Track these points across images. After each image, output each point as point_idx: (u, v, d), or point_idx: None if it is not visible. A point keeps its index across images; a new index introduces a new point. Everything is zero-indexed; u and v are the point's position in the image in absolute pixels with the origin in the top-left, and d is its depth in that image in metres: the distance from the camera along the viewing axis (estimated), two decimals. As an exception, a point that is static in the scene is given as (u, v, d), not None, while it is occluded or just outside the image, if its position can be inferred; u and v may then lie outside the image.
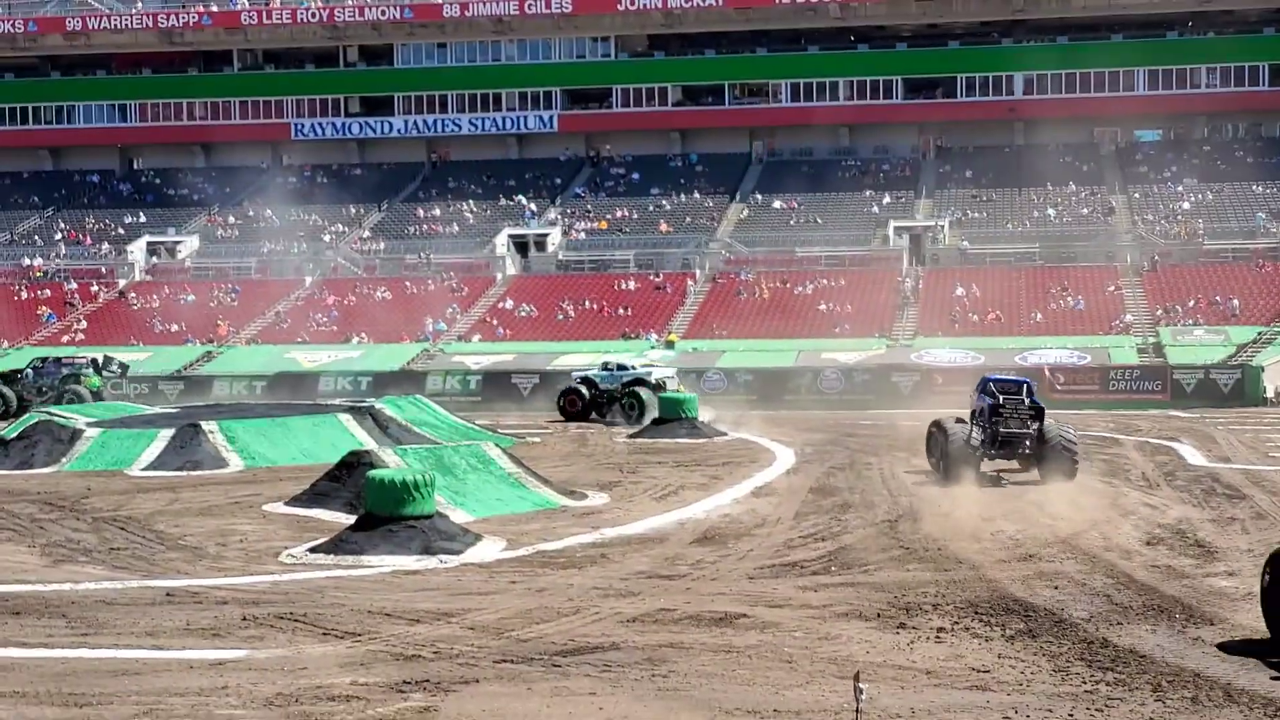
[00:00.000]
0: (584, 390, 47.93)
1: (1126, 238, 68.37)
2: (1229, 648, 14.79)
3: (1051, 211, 71.12)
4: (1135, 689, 13.41)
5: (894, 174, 77.09)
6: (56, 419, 36.99)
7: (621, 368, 49.06)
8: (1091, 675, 13.95)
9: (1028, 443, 28.90)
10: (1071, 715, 12.68)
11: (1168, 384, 52.30)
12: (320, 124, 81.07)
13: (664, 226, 72.93)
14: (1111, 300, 62.10)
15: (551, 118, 79.88)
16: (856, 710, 10.15)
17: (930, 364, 53.85)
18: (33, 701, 14.02)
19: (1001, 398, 29.49)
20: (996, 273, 65.43)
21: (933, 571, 19.68)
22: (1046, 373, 52.94)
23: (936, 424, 30.47)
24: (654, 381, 47.38)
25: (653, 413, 44.00)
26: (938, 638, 15.71)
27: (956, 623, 16.38)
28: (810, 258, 67.90)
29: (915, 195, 74.89)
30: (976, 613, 16.87)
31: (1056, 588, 18.30)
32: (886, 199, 73.83)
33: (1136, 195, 72.66)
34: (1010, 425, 29.02)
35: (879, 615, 16.96)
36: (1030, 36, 76.76)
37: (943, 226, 70.25)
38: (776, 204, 74.30)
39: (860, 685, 10.07)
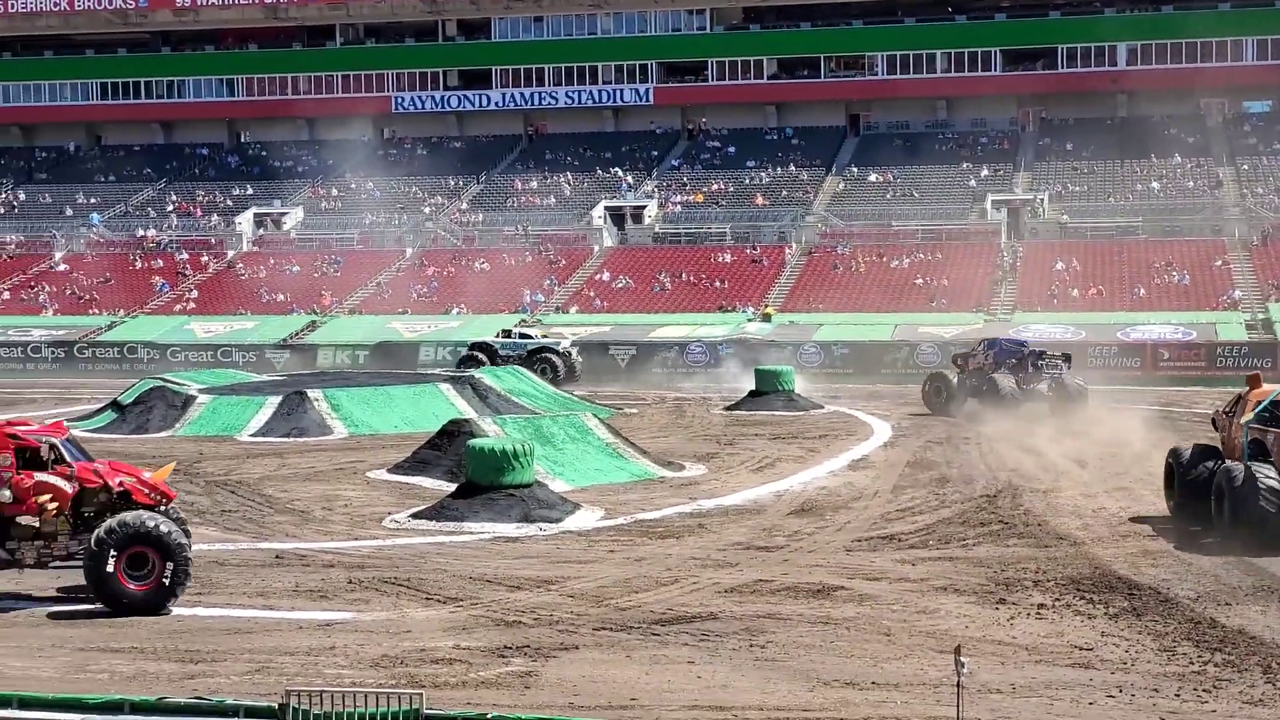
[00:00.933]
0: (482, 357, 49.33)
1: (1234, 211, 67.07)
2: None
3: (1156, 184, 69.92)
4: (1245, 670, 13.27)
5: (992, 147, 76.09)
6: (170, 385, 37.84)
7: (525, 336, 51.01)
8: (1199, 655, 13.82)
9: (1049, 384, 37.10)
10: (1179, 695, 12.58)
11: (1279, 361, 51.30)
12: (420, 97, 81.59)
13: (759, 199, 72.64)
14: (1219, 275, 61.01)
15: (647, 90, 79.77)
16: (957, 684, 10.17)
17: (1029, 339, 53.26)
18: (151, 657, 14.45)
19: (1033, 348, 38.89)
20: (1098, 247, 64.48)
21: (1033, 547, 19.59)
22: (1150, 349, 52.25)
23: (939, 376, 39.91)
24: (561, 350, 49.58)
25: (559, 376, 47.13)
26: (1038, 614, 15.67)
27: (1058, 599, 16.31)
28: (906, 231, 67.24)
29: (1014, 168, 73.85)
30: (1079, 590, 16.77)
31: (1162, 566, 18.16)
32: (984, 172, 72.92)
33: (1245, 167, 71.19)
34: (1049, 370, 37.35)
35: (978, 590, 16.92)
36: (1133, 6, 75.35)
37: (1042, 200, 69.32)
38: (872, 177, 73.72)
39: (961, 659, 10.09)
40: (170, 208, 77.30)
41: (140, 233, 73.93)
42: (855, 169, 74.93)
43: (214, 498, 24.96)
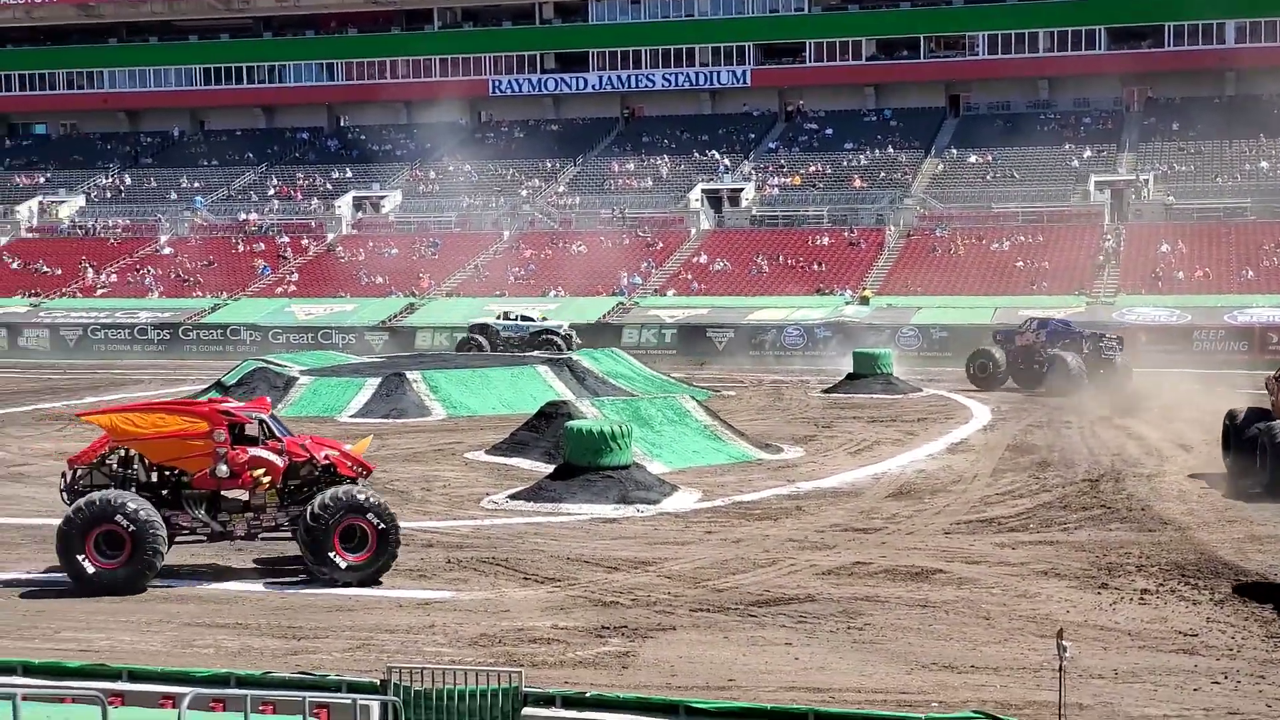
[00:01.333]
0: (482, 340, 50.27)
1: (1345, 192, 65.57)
2: None
3: (1265, 164, 68.45)
4: (1352, 656, 13.04)
5: (1095, 127, 74.86)
6: (273, 367, 38.35)
7: (525, 319, 51.83)
8: (1306, 641, 13.59)
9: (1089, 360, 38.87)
10: (1284, 681, 12.39)
11: (1390, 343, 50.04)
12: (516, 80, 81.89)
13: (857, 182, 72.11)
14: (1329, 257, 59.71)
15: (745, 72, 79.40)
16: (1059, 669, 10.06)
17: (1132, 322, 52.44)
18: (255, 633, 14.70)
19: (1090, 330, 41.08)
20: (1204, 228, 63.25)
21: (1136, 532, 19.32)
22: (1259, 332, 51.22)
23: (984, 353, 41.44)
24: (562, 333, 50.40)
25: None
26: (1142, 599, 15.47)
27: (1162, 584, 16.09)
28: (1007, 213, 66.37)
29: (1118, 148, 72.63)
30: (1183, 575, 16.53)
31: (1269, 551, 17.83)
32: (1087, 153, 71.80)
33: (1356, 147, 69.56)
34: (1107, 350, 39.09)
35: (1080, 575, 16.74)
36: (1244, -18, 73.84)
37: (1147, 180, 68.18)
38: (972, 158, 72.88)
39: (1064, 643, 9.97)
40: (271, 191, 78.34)
41: (242, 216, 75.00)
42: (955, 150, 74.17)
43: (315, 477, 25.22)
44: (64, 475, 17.29)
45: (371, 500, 16.81)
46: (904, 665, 13.22)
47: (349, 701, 10.02)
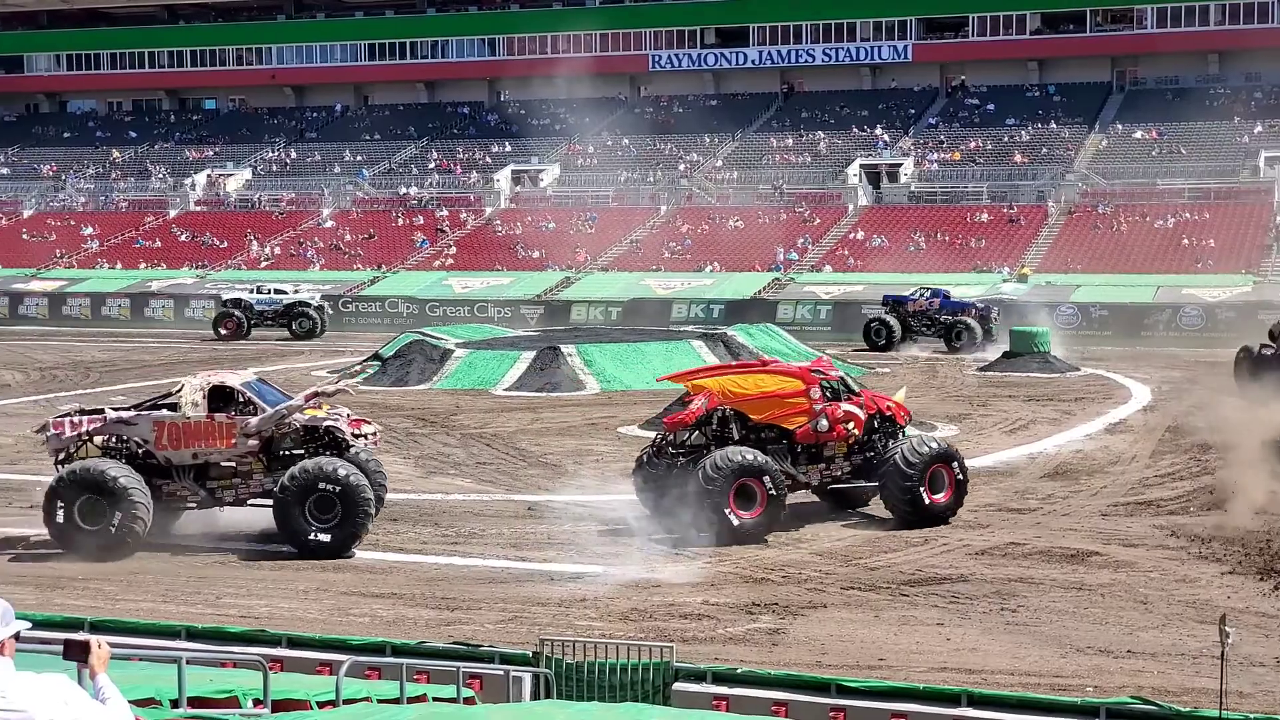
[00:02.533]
0: (237, 313, 51.94)
1: None
2: None
3: None
4: None
5: (1266, 102, 72.57)
6: (429, 339, 38.93)
7: (279, 292, 53.40)
8: None
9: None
10: None
11: None
12: (677, 55, 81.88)
13: (1019, 158, 70.90)
14: None
15: (906, 47, 78.40)
16: (1221, 656, 9.81)
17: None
18: (409, 603, 15.00)
19: (981, 304, 46.53)
20: (1383, 206, 61.11)
21: (1302, 518, 18.77)
22: None
23: (882, 319, 46.55)
24: (315, 305, 52.79)
25: (316, 330, 51.60)
26: (1306, 586, 15.07)
27: (1327, 572, 15.64)
28: (1172, 190, 64.71)
29: (1292, 123, 70.52)
30: (1351, 562, 16.05)
31: None
32: (1258, 128, 69.60)
33: None
34: (993, 322, 44.84)
35: (1242, 559, 16.34)
36: None
37: (1322, 157, 66.02)
38: (1137, 134, 71.15)
39: (1226, 629, 9.74)
40: (431, 165, 79.42)
41: (402, 190, 76.16)
42: (1120, 126, 72.47)
43: (469, 449, 25.63)
44: (657, 438, 18.75)
45: (951, 449, 18.42)
46: (1058, 649, 13.05)
47: (502, 673, 10.18)
